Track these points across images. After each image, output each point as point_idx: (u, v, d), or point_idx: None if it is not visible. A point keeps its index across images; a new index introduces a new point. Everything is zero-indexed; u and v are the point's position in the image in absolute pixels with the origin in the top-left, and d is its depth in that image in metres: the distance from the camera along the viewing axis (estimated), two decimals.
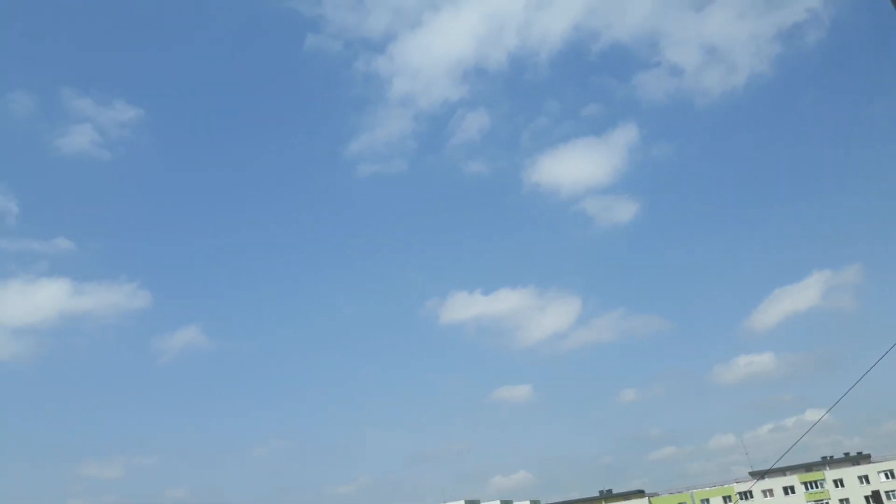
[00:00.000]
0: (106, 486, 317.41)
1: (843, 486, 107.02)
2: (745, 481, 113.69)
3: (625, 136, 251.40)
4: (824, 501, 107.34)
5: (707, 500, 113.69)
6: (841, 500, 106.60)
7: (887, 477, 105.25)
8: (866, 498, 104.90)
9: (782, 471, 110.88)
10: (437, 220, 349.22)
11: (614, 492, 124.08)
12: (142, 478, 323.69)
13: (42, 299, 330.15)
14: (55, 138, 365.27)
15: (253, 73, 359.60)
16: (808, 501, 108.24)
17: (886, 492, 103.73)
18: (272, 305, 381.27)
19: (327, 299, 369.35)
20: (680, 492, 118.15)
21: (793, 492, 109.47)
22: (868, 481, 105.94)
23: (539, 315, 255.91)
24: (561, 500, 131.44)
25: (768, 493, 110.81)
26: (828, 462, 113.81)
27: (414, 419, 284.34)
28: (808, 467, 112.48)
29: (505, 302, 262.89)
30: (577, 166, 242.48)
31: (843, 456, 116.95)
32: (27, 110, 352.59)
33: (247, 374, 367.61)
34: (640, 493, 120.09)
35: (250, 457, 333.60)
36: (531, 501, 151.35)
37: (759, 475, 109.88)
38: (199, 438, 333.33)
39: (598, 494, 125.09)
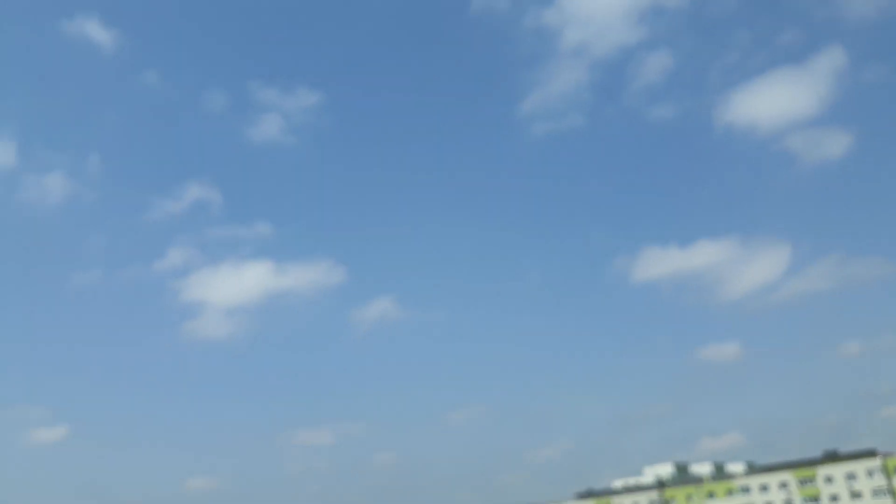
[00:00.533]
0: (319, 452, 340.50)
1: None
2: None
3: (830, 61, 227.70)
4: None
5: None
6: None
7: None
8: None
9: None
10: (621, 172, 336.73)
11: (840, 452, 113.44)
12: (351, 444, 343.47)
13: (249, 280, 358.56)
14: (247, 129, 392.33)
15: (421, 41, 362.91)
16: None
17: None
18: (461, 273, 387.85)
19: (513, 264, 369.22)
20: None
21: None
22: None
23: (744, 266, 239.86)
24: (778, 461, 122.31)
25: None
26: None
27: (612, 382, 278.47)
28: None
29: (704, 254, 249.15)
30: (775, 100, 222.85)
31: None
32: (221, 105, 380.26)
33: (440, 342, 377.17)
34: (870, 454, 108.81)
35: (448, 422, 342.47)
36: (746, 463, 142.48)
37: None
38: (400, 405, 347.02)
39: (821, 455, 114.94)
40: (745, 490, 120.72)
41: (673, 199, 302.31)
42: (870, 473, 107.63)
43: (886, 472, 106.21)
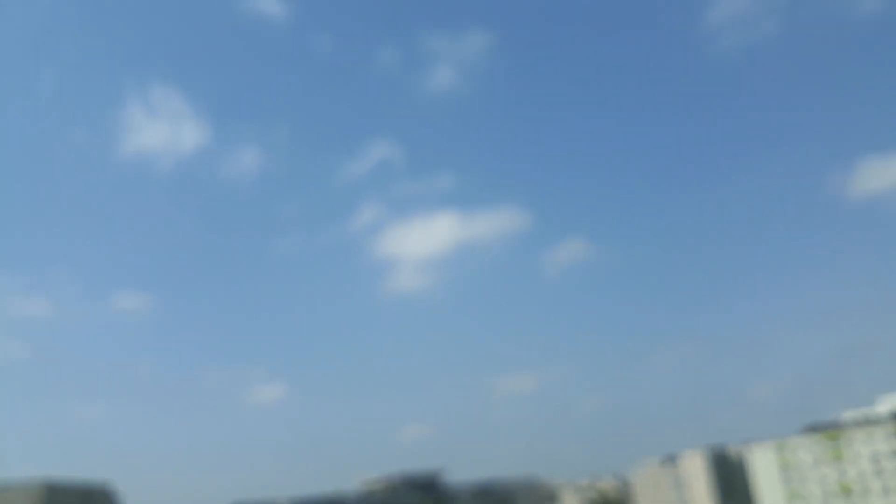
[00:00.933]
0: (523, 397, 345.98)
1: None
2: None
3: None
4: None
5: None
6: None
7: None
8: None
9: None
10: (826, 77, 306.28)
11: None
12: (555, 388, 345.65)
13: (437, 232, 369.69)
14: (421, 81, 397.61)
15: None
16: None
17: None
18: (653, 204, 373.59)
19: (710, 188, 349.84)
20: None
21: None
22: None
23: None
24: None
25: None
26: None
27: (835, 310, 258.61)
28: None
29: None
30: None
31: None
32: (394, 60, 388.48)
33: (638, 278, 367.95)
34: None
35: (656, 361, 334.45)
36: None
37: None
38: (603, 346, 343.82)
39: None
40: None
41: (892, 102, 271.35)
42: None
43: None
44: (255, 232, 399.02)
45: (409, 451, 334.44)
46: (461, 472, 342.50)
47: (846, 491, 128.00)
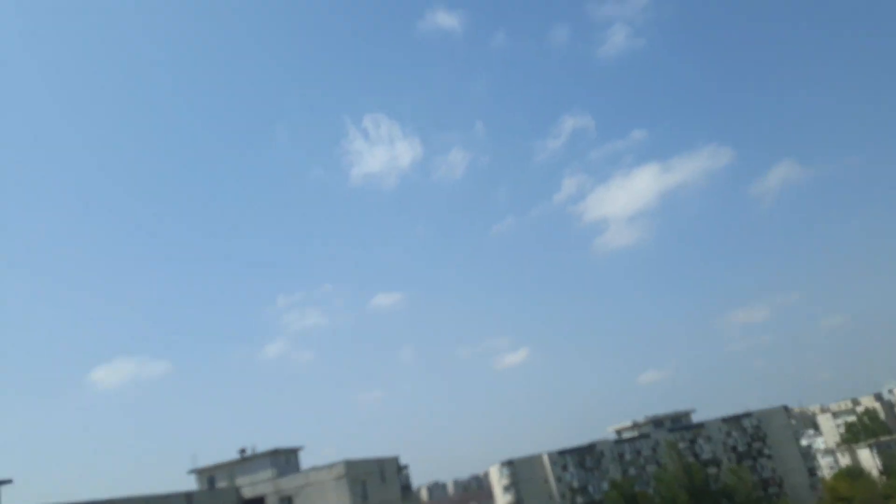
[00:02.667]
0: (758, 328, 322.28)
1: None
2: None
3: None
4: None
5: None
6: None
7: None
8: None
9: None
10: None
11: None
12: (790, 314, 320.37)
13: (639, 187, 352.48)
14: (596, 48, 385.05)
15: None
16: None
17: None
18: (874, 112, 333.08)
19: None
20: None
21: None
22: None
23: None
24: None
25: None
26: None
27: None
28: None
29: None
30: None
31: None
32: (566, 36, 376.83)
33: (861, 190, 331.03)
34: None
35: None
36: None
37: None
38: (838, 266, 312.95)
39: None
40: None
41: None
42: None
43: None
44: (474, 222, 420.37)
45: (652, 396, 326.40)
46: (707, 410, 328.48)
47: None
